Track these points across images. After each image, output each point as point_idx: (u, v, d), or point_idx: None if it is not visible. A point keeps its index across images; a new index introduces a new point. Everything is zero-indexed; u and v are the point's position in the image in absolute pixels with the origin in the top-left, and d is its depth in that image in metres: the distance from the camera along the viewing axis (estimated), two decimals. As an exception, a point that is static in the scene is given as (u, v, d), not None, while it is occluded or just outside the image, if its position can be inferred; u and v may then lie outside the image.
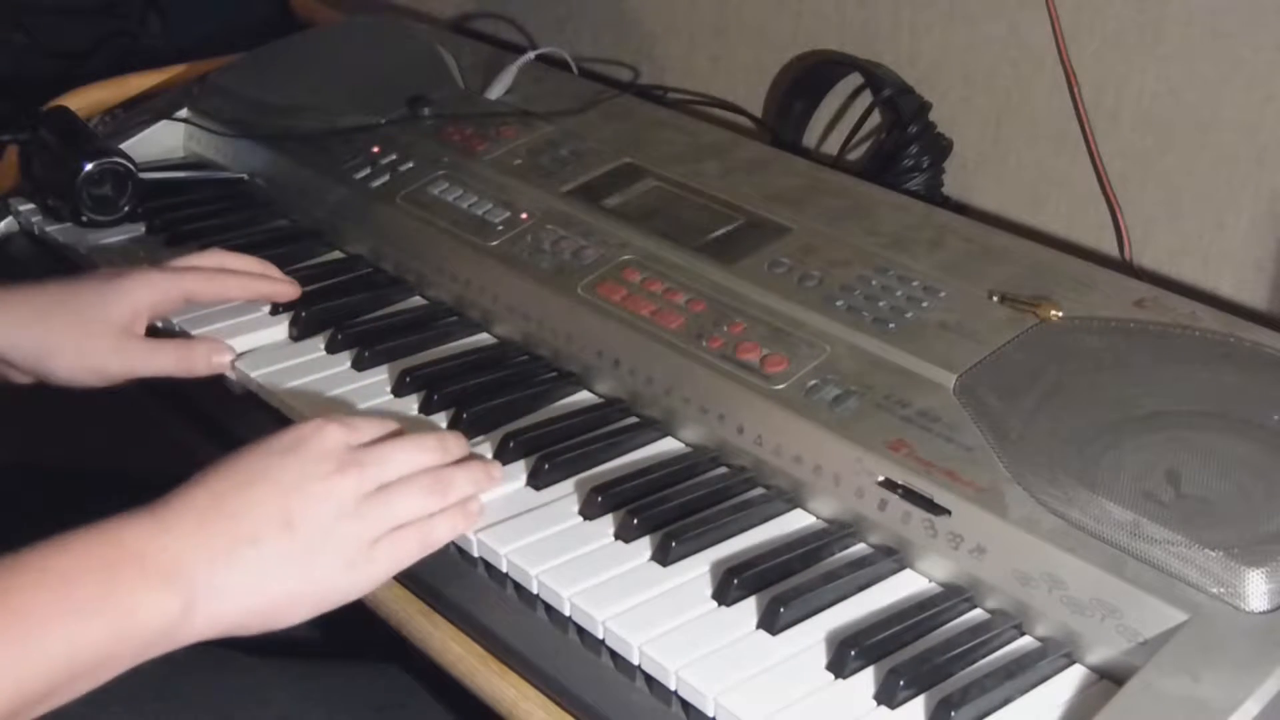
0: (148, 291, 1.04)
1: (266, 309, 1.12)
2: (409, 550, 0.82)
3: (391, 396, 1.01)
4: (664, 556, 0.84)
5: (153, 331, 1.07)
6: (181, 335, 1.09)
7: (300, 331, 1.09)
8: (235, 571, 0.75)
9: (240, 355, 1.06)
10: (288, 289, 1.11)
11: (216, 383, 1.07)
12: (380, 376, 1.04)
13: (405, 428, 0.88)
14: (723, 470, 0.92)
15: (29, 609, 0.70)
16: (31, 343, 1.00)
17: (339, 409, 1.00)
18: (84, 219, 1.25)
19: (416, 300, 1.15)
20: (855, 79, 1.31)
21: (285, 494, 0.78)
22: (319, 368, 1.05)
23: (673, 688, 0.76)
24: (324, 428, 0.82)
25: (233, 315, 1.11)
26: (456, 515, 0.84)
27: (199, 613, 0.74)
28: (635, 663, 0.78)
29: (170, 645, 0.75)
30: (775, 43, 1.38)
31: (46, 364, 1.01)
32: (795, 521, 0.88)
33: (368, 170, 1.24)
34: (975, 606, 0.81)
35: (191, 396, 1.07)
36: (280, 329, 1.10)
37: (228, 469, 0.79)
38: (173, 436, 1.09)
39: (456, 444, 0.88)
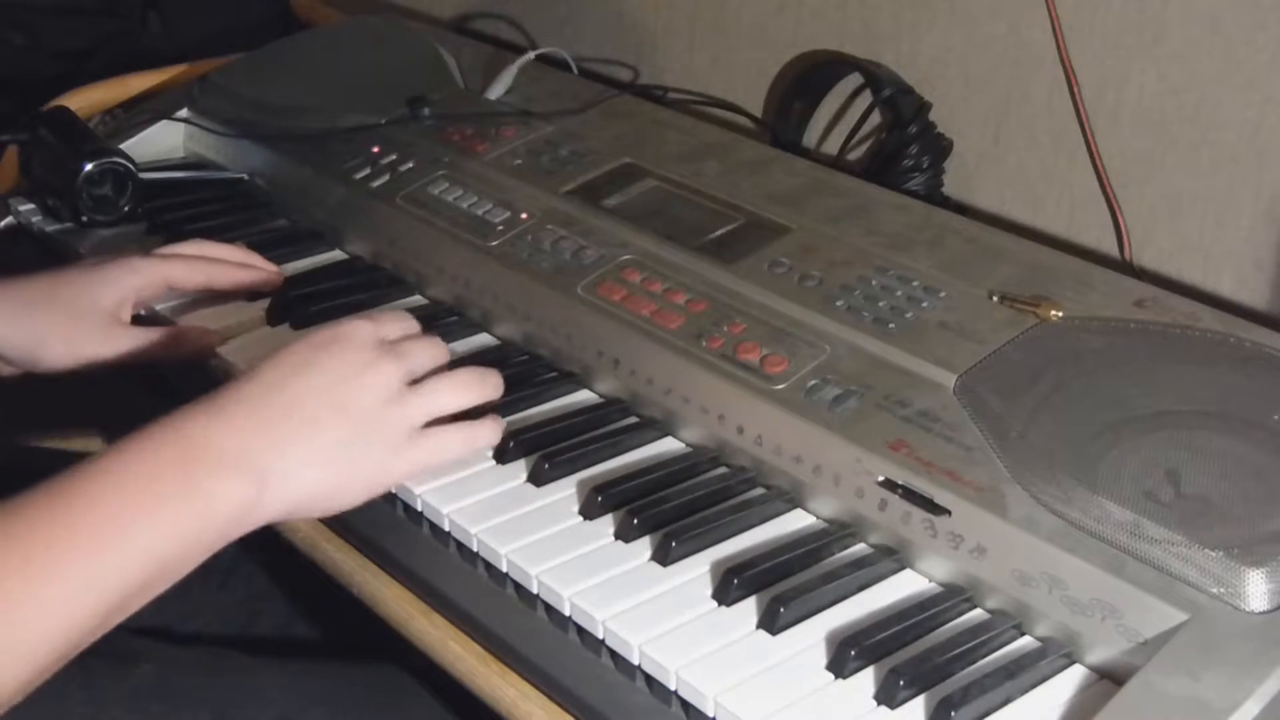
0: (132, 278, 1.05)
1: (287, 325, 1.11)
2: (452, 442, 0.87)
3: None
4: (664, 556, 0.84)
5: (137, 320, 1.08)
6: (165, 323, 1.10)
7: (296, 323, 1.10)
8: (298, 454, 0.80)
9: (225, 341, 1.07)
10: (269, 278, 1.13)
11: (213, 379, 1.07)
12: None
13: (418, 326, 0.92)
14: (723, 470, 0.92)
15: (121, 508, 0.73)
16: (21, 335, 1.01)
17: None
18: (84, 219, 1.25)
19: (416, 300, 1.15)
20: (855, 79, 1.31)
21: (334, 383, 0.82)
22: (237, 313, 1.05)
23: (673, 688, 0.76)
24: (355, 323, 0.86)
25: (212, 303, 1.12)
26: (494, 423, 0.90)
27: (269, 494, 0.78)
28: (635, 663, 0.78)
29: (246, 527, 0.79)
30: (775, 43, 1.38)
31: (36, 355, 1.02)
32: (795, 521, 0.88)
33: (368, 170, 1.24)
34: (975, 606, 0.81)
35: (187, 395, 1.07)
36: (259, 316, 1.11)
37: (275, 365, 0.83)
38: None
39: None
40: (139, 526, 0.74)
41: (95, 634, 0.73)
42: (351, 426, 0.82)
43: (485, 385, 0.89)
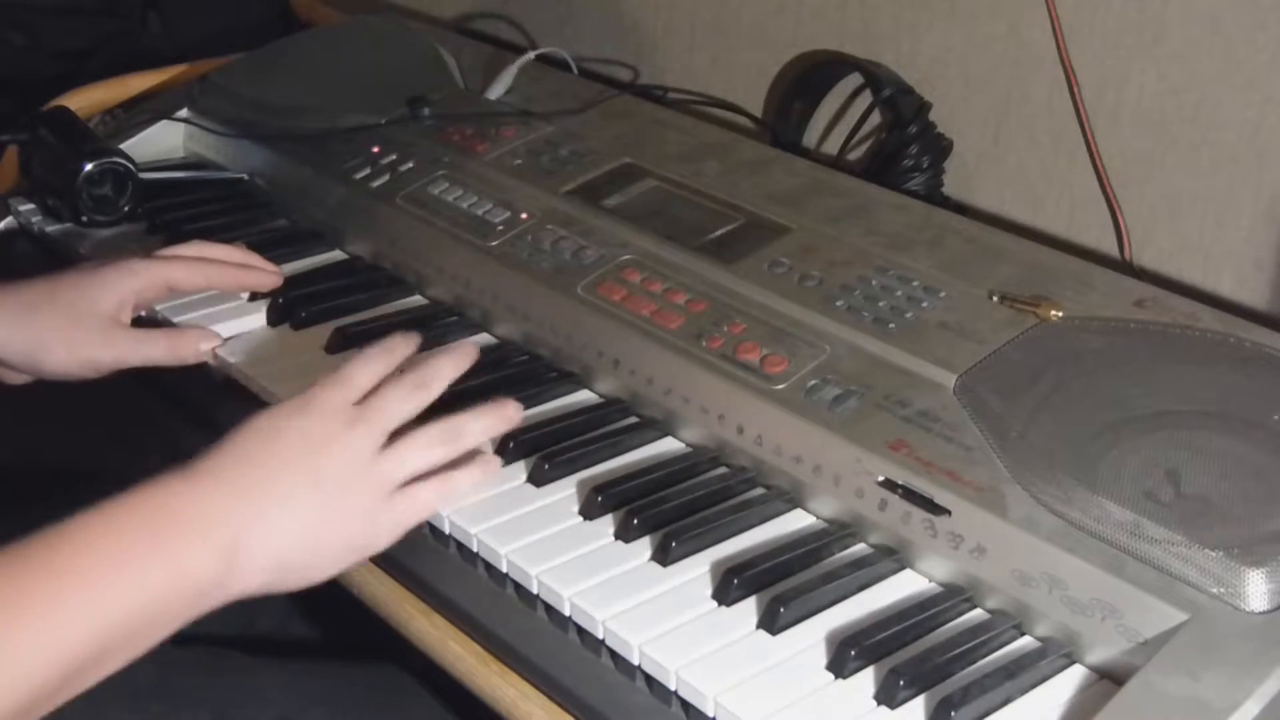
0: (132, 280, 1.05)
1: (245, 296, 1.13)
2: (427, 500, 0.84)
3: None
4: (664, 556, 0.84)
5: (137, 322, 1.08)
6: (165, 324, 1.10)
7: (296, 323, 1.10)
8: (271, 526, 0.78)
9: (225, 341, 1.07)
10: (270, 278, 1.13)
11: (212, 380, 1.07)
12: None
13: (391, 358, 0.89)
14: (723, 470, 0.92)
15: (82, 569, 0.72)
16: (21, 339, 1.01)
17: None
18: (84, 219, 1.25)
19: (416, 300, 1.15)
20: (855, 79, 1.31)
21: (304, 453, 0.81)
22: (319, 368, 1.05)
23: (673, 688, 0.76)
24: (322, 392, 0.84)
25: (211, 304, 1.12)
26: (477, 466, 0.87)
27: (240, 568, 0.77)
28: (635, 663, 0.78)
29: (218, 601, 0.77)
30: (775, 43, 1.38)
31: (37, 359, 1.02)
32: (795, 521, 0.88)
33: (368, 170, 1.24)
34: (975, 606, 0.81)
35: (187, 394, 1.08)
36: (259, 316, 1.11)
37: (248, 433, 0.81)
38: (167, 433, 1.09)
39: (449, 364, 0.89)
40: (105, 591, 0.72)
41: (56, 697, 0.71)
42: (325, 496, 0.80)
43: (461, 436, 0.86)
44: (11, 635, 0.69)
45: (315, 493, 0.80)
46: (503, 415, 0.89)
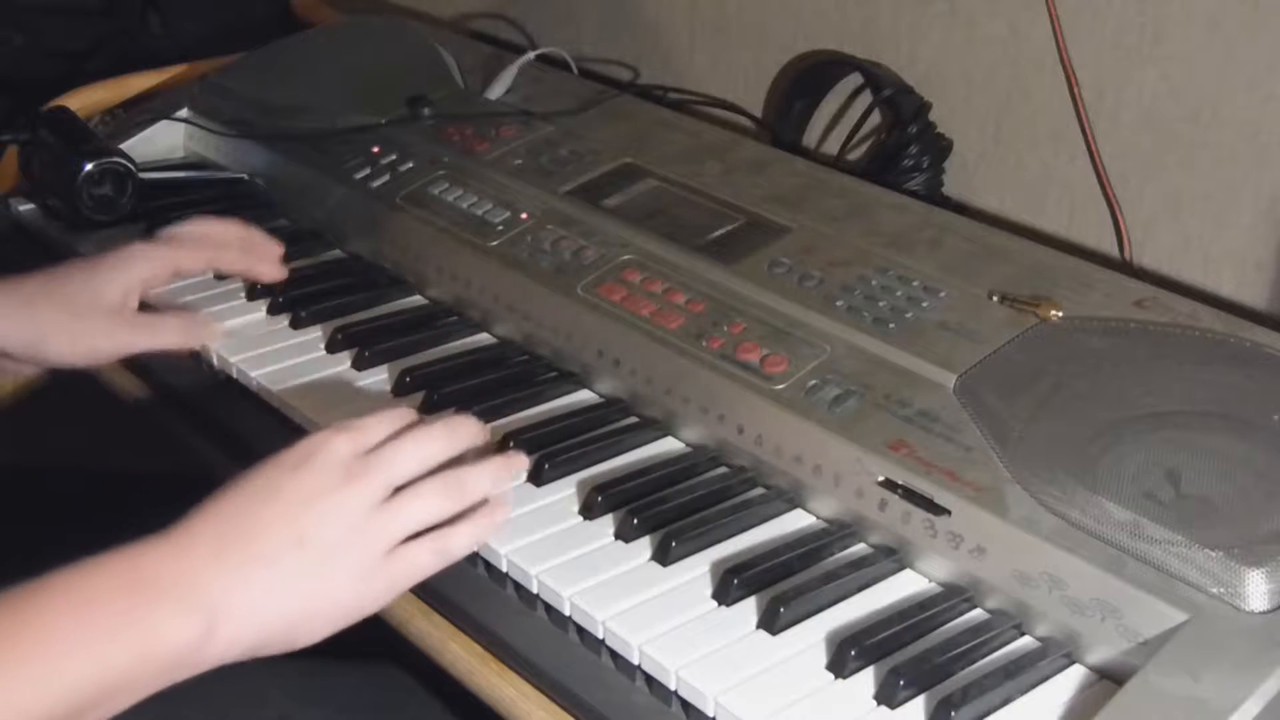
0: (138, 266, 1.04)
1: (243, 294, 1.14)
2: (423, 562, 0.80)
3: (392, 396, 1.01)
4: (664, 556, 0.84)
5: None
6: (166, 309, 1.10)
7: (296, 322, 1.11)
8: (252, 592, 0.75)
9: (229, 335, 1.09)
10: (273, 269, 1.12)
11: (214, 380, 1.07)
12: (380, 376, 1.04)
13: (417, 420, 0.85)
14: (723, 470, 0.92)
15: (54, 633, 0.70)
16: (22, 330, 1.01)
17: (339, 408, 1.00)
18: (84, 219, 1.25)
19: (416, 300, 1.15)
20: (855, 79, 1.31)
21: (295, 513, 0.77)
22: (319, 367, 1.05)
23: (673, 688, 0.76)
24: (331, 439, 0.80)
25: (210, 302, 1.13)
26: (478, 523, 0.82)
27: (219, 635, 0.74)
28: (635, 663, 0.78)
29: (194, 668, 0.74)
30: (775, 43, 1.38)
31: (40, 350, 1.01)
32: (795, 521, 0.88)
33: (368, 170, 1.24)
34: (975, 606, 0.81)
35: (188, 394, 1.08)
36: (259, 313, 1.12)
37: (238, 490, 0.78)
38: (174, 437, 1.09)
39: (467, 430, 0.84)
40: (75, 653, 0.70)
41: None
42: (312, 557, 0.76)
43: (465, 490, 0.81)
44: None
45: (301, 555, 0.76)
46: (510, 467, 0.84)
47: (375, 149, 1.26)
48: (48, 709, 0.69)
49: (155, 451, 1.14)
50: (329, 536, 0.77)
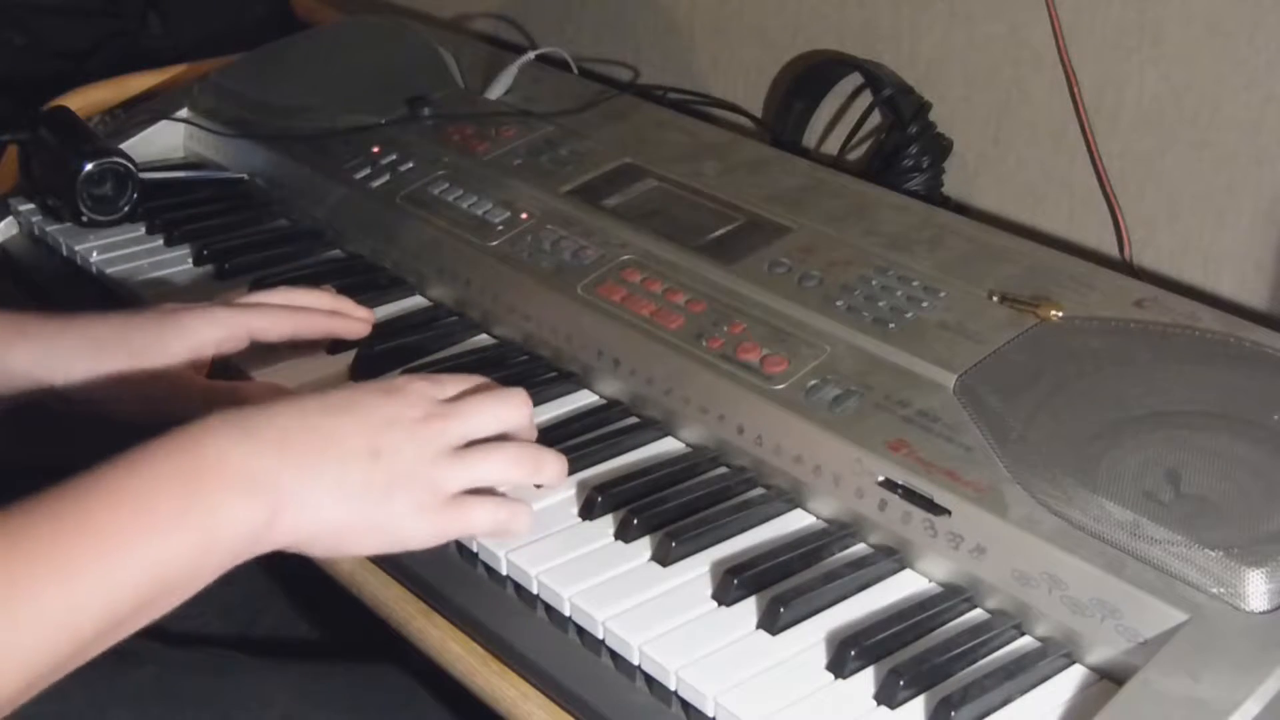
0: (211, 329, 0.98)
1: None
2: (479, 519, 0.81)
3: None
4: (664, 556, 0.84)
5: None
6: (239, 375, 1.03)
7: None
8: (318, 485, 0.75)
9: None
10: (359, 326, 1.05)
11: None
12: (380, 377, 1.04)
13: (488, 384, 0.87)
14: (723, 470, 0.92)
15: (112, 527, 0.69)
16: (87, 380, 0.94)
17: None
18: (84, 219, 1.25)
19: (417, 300, 1.15)
20: (855, 79, 1.31)
21: (374, 429, 0.78)
22: (319, 368, 1.05)
23: (673, 688, 0.76)
24: (412, 380, 0.82)
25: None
26: (529, 515, 0.84)
27: (281, 522, 0.74)
28: (635, 663, 0.78)
29: (254, 553, 0.74)
30: (775, 43, 1.38)
31: (103, 404, 0.95)
32: (795, 521, 0.88)
33: (368, 170, 1.24)
34: (975, 606, 0.81)
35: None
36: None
37: (317, 398, 0.79)
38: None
39: (530, 412, 0.87)
40: (135, 545, 0.69)
41: (96, 646, 0.69)
42: (383, 474, 0.77)
43: (541, 466, 0.84)
44: (28, 601, 0.66)
45: (372, 467, 0.77)
46: (564, 474, 0.86)
47: (375, 149, 1.26)
48: (111, 606, 0.68)
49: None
50: (401, 460, 0.78)
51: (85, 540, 0.68)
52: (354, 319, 1.05)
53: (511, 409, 0.84)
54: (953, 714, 0.71)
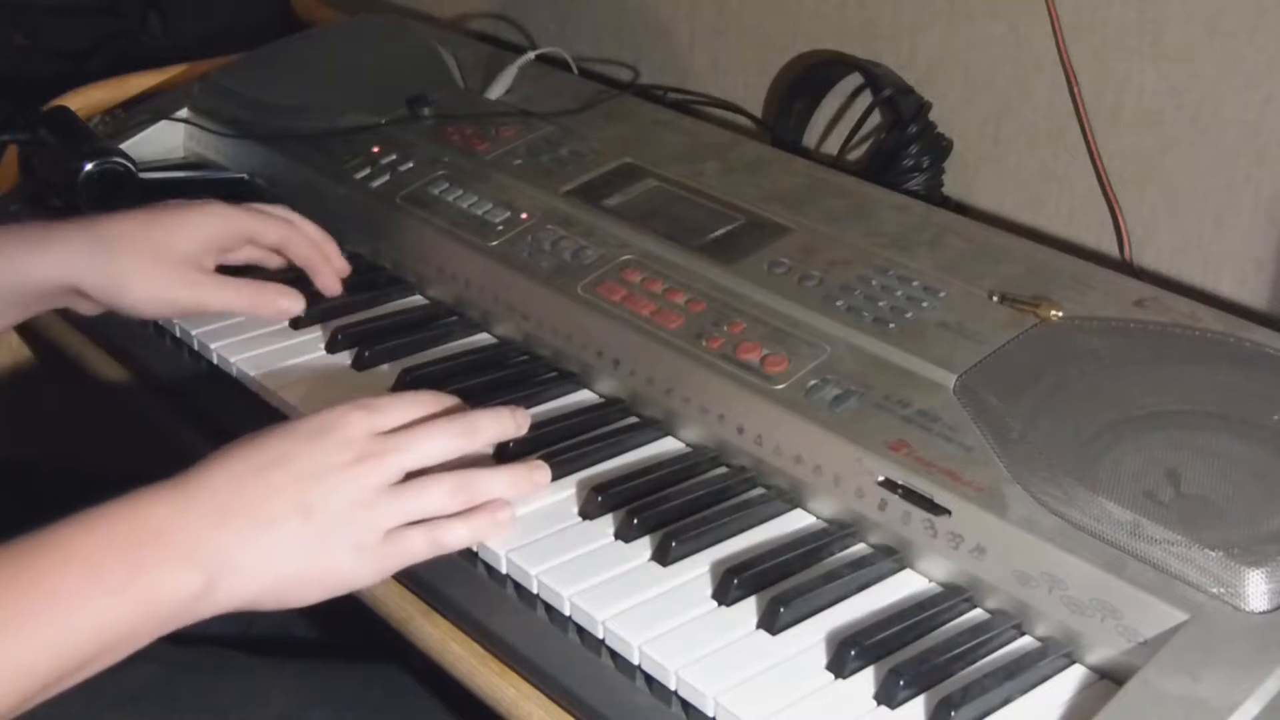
0: (214, 223, 1.05)
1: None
2: (416, 548, 0.81)
3: (391, 396, 1.01)
4: (664, 556, 0.84)
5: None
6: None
7: (292, 322, 1.10)
8: (253, 551, 0.77)
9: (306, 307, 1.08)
10: (331, 280, 1.12)
11: (215, 381, 1.07)
12: (380, 376, 1.04)
13: (450, 405, 0.87)
14: (723, 470, 0.92)
15: (59, 589, 0.71)
16: (101, 273, 1.01)
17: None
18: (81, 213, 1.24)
19: (416, 300, 1.15)
20: (855, 79, 1.31)
21: (304, 482, 0.79)
22: (319, 367, 1.05)
23: (673, 688, 0.76)
24: (349, 414, 0.82)
25: (253, 328, 1.09)
26: (479, 520, 0.83)
27: (218, 588, 0.76)
28: (635, 663, 0.78)
29: (192, 618, 0.76)
30: (775, 43, 1.38)
31: (115, 294, 1.02)
32: (795, 521, 0.88)
33: (368, 170, 1.24)
34: (975, 606, 0.81)
35: (190, 395, 1.08)
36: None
37: (249, 450, 0.80)
38: (171, 435, 1.09)
39: (491, 424, 0.86)
40: (79, 608, 0.71)
41: (36, 699, 0.71)
42: (315, 528, 0.78)
43: (476, 494, 0.83)
44: None
45: (305, 524, 0.78)
46: (531, 479, 0.86)
47: (375, 149, 1.26)
48: (52, 664, 0.71)
49: (153, 451, 1.14)
50: (334, 510, 0.79)
51: (34, 598, 0.71)
52: (329, 272, 1.11)
53: (452, 439, 0.84)
54: (953, 714, 0.71)
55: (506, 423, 0.88)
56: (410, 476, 0.82)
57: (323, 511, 0.78)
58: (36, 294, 1.03)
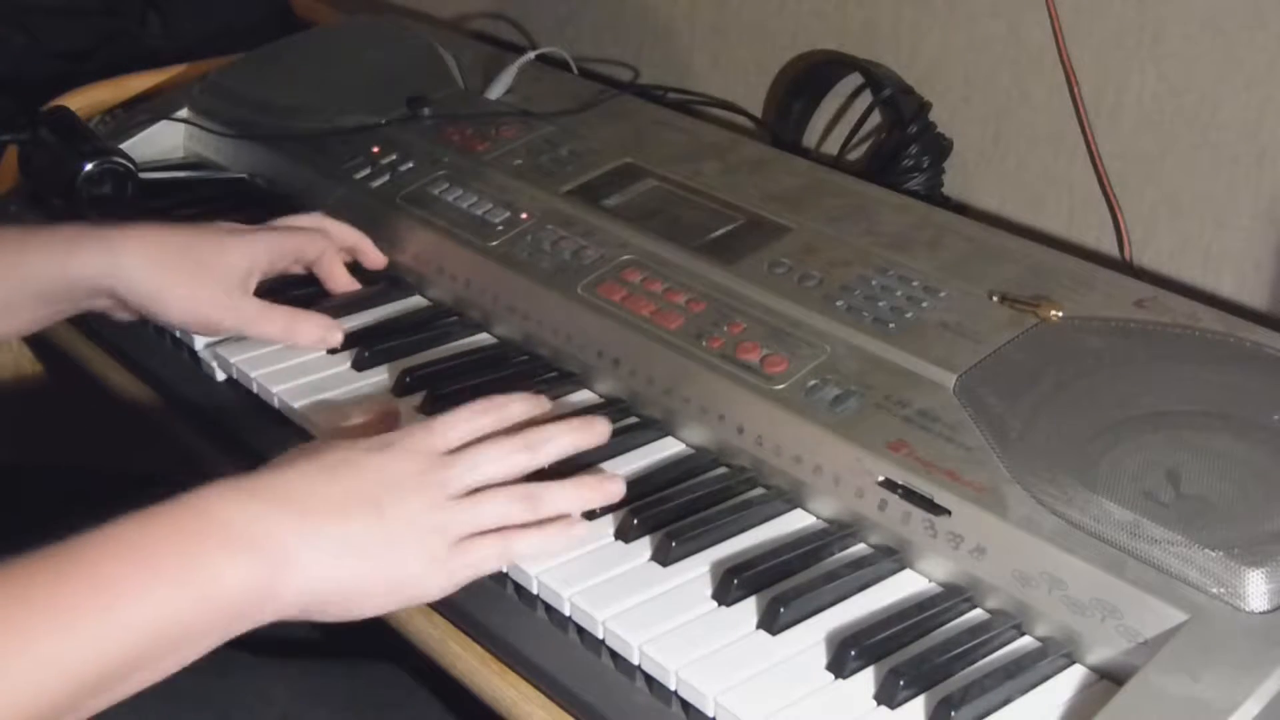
0: (263, 248, 1.06)
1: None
2: (486, 555, 0.81)
3: (392, 396, 1.01)
4: (664, 556, 0.84)
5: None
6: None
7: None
8: (323, 546, 0.75)
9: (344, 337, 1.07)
10: (377, 257, 1.16)
11: (215, 383, 1.07)
12: (380, 376, 1.04)
13: (497, 415, 0.86)
14: (723, 470, 0.92)
15: (112, 579, 0.69)
16: (147, 282, 1.01)
17: (339, 408, 1.00)
18: (84, 219, 1.24)
19: (417, 300, 1.15)
20: (855, 79, 1.31)
21: (376, 487, 0.78)
22: (318, 367, 1.05)
23: (673, 688, 0.76)
24: (412, 432, 0.82)
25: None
26: (547, 531, 0.83)
27: (286, 584, 0.74)
28: (635, 663, 0.78)
29: (259, 618, 0.74)
30: (775, 43, 1.38)
31: (158, 306, 1.02)
32: (795, 521, 0.88)
33: (368, 170, 1.24)
34: (975, 606, 0.81)
35: (192, 398, 1.08)
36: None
37: (315, 455, 0.79)
38: (174, 439, 1.09)
39: (551, 443, 0.85)
40: (133, 599, 0.69)
41: (91, 701, 0.69)
42: (385, 529, 0.77)
43: (540, 505, 0.82)
44: (21, 650, 0.66)
45: (378, 524, 0.77)
46: (601, 490, 0.85)
47: (375, 149, 1.26)
48: (107, 660, 0.68)
49: (155, 451, 1.14)
50: (407, 511, 0.78)
51: (84, 590, 0.68)
52: (369, 259, 1.15)
53: (518, 456, 0.83)
54: (953, 714, 0.71)
55: (577, 436, 0.86)
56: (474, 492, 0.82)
57: (394, 512, 0.77)
58: (82, 292, 1.03)
